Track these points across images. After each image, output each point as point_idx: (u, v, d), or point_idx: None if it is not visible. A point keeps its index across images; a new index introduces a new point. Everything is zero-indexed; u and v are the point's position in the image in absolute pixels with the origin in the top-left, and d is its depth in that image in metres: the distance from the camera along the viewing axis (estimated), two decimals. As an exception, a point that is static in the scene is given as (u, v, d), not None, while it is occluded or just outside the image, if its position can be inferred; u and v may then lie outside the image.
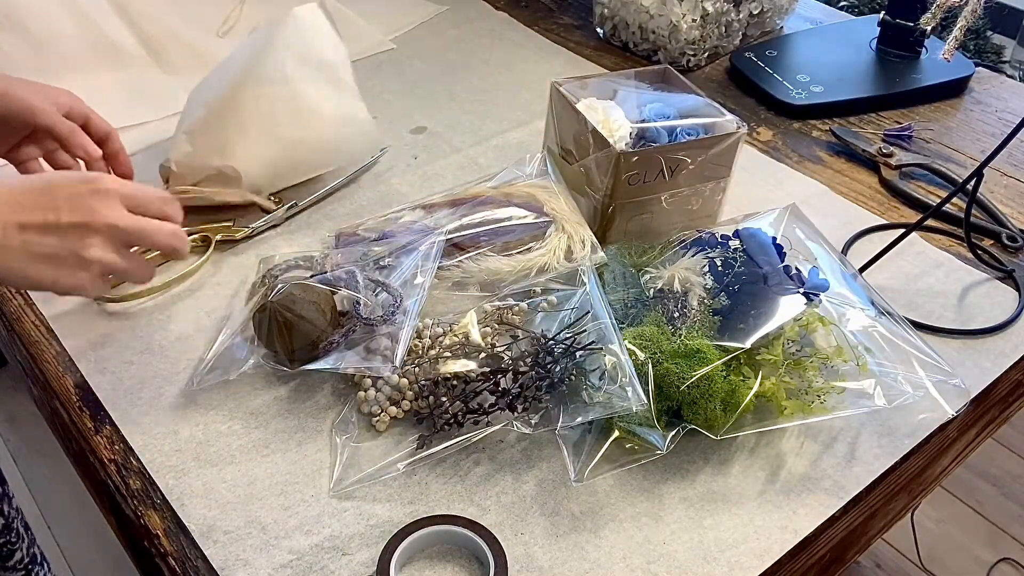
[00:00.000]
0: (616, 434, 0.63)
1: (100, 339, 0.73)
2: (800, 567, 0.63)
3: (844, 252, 0.84)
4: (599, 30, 1.20)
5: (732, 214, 0.80)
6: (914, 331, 0.69)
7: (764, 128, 1.03)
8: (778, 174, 0.95)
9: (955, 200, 0.81)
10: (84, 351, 0.71)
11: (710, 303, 0.68)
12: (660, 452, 0.62)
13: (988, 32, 2.03)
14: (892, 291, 0.79)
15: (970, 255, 0.84)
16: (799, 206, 0.78)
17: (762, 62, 1.10)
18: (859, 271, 0.77)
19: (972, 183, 0.77)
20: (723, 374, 0.63)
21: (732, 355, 0.64)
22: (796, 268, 0.70)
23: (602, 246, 0.75)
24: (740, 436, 0.65)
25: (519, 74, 1.11)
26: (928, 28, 1.06)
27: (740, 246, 0.72)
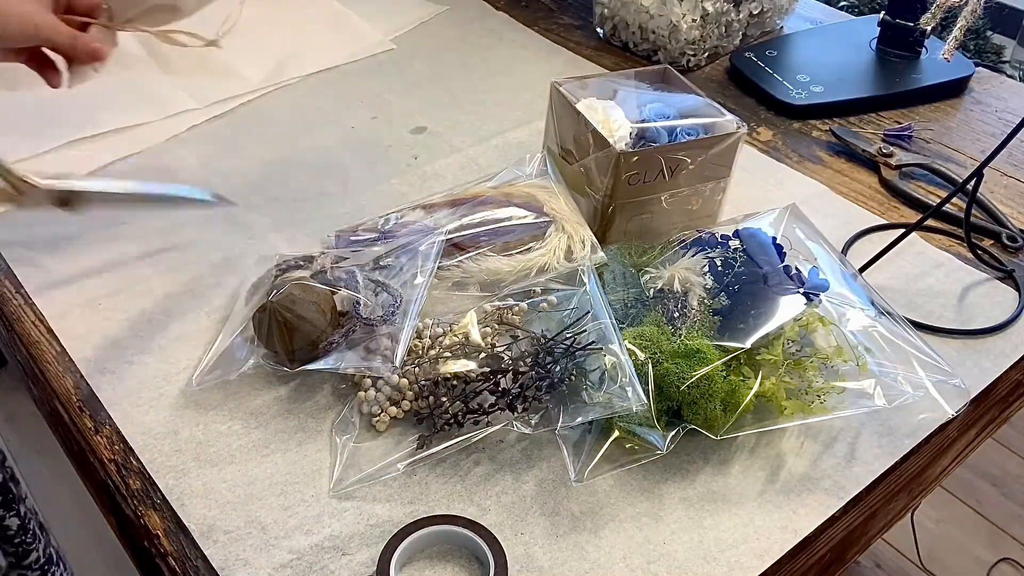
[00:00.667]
0: (616, 434, 0.63)
1: (100, 339, 0.73)
2: (800, 567, 0.63)
3: (844, 252, 0.84)
4: (599, 30, 1.20)
5: (732, 214, 0.80)
6: (914, 331, 0.69)
7: (764, 128, 1.03)
8: (778, 174, 0.95)
9: (955, 200, 0.81)
10: (84, 351, 0.71)
11: (710, 303, 0.68)
12: (660, 452, 0.62)
13: (988, 32, 2.04)
14: (892, 291, 0.79)
15: (970, 255, 0.84)
16: (799, 206, 0.78)
17: (762, 62, 1.10)
18: (859, 271, 0.77)
19: (972, 183, 0.77)
20: (723, 374, 0.63)
21: (732, 355, 0.64)
22: (796, 268, 0.70)
23: (602, 246, 0.75)
24: (740, 436, 0.65)
25: (519, 74, 1.11)
26: (928, 28, 1.06)
27: (740, 246, 0.72)
